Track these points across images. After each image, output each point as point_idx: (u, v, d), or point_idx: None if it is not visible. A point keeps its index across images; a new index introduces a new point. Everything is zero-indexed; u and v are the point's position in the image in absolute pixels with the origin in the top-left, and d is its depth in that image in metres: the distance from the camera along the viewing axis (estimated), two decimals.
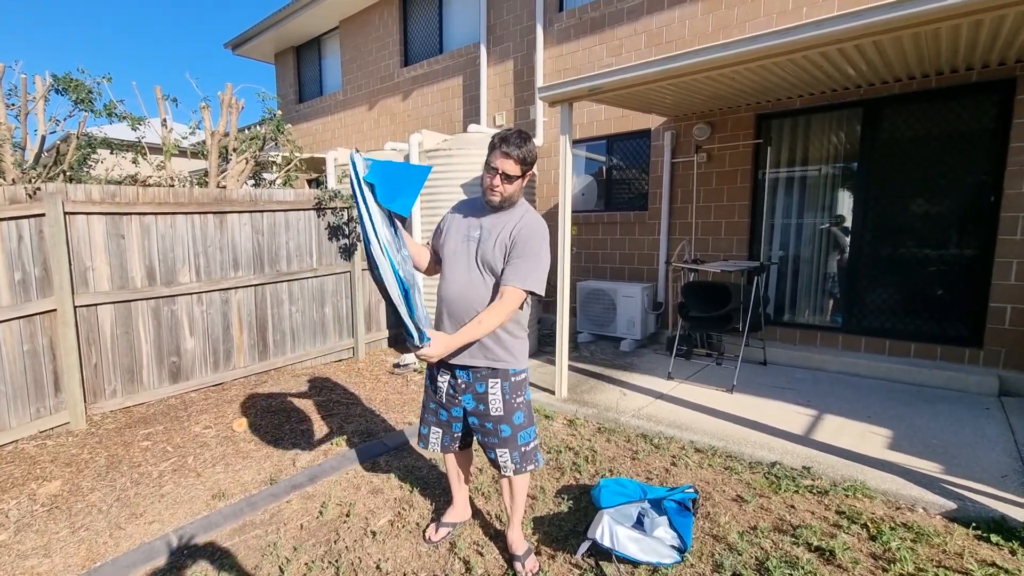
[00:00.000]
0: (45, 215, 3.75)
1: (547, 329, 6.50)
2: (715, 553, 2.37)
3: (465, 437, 2.37)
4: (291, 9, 9.75)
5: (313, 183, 9.50)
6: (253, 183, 6.22)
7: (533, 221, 2.11)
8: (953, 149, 4.57)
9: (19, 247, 3.66)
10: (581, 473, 3.14)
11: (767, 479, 3.01)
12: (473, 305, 2.08)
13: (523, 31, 7.14)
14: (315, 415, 4.15)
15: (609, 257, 6.69)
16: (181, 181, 5.02)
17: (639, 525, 2.36)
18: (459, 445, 2.38)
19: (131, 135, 5.23)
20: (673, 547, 2.29)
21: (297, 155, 6.08)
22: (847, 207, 5.13)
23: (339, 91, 10.31)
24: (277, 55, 11.82)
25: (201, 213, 4.61)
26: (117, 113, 4.88)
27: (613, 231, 6.61)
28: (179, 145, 5.36)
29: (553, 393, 4.43)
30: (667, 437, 3.60)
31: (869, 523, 2.55)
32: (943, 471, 2.99)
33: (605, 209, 6.77)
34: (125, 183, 4.90)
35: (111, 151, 5.66)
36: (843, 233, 5.19)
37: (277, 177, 6.31)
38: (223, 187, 5.11)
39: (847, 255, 5.15)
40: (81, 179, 4.83)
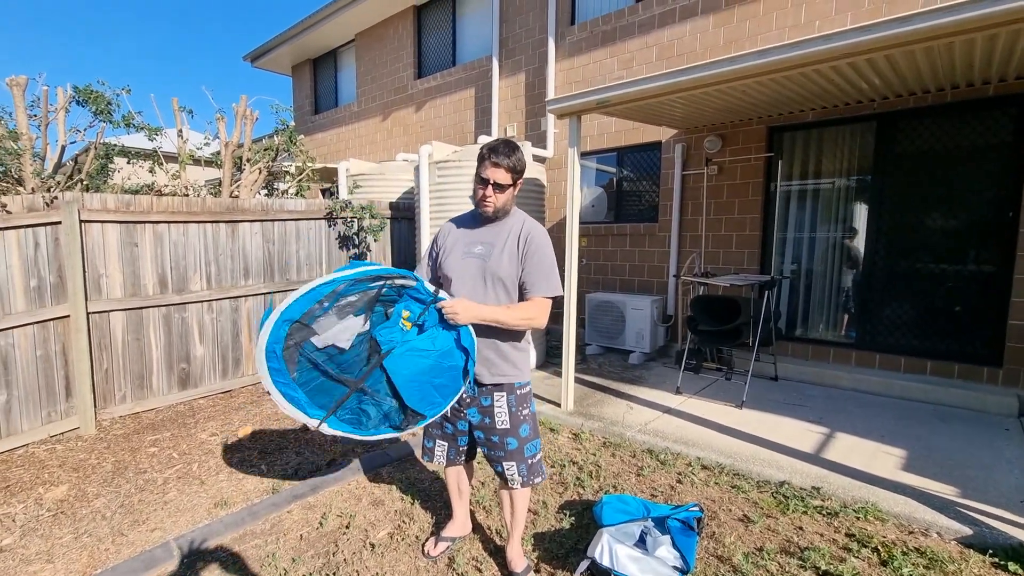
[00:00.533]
0: (61, 223, 3.83)
1: (556, 340, 6.46)
2: (719, 575, 2.31)
3: (470, 450, 2.36)
4: (310, 21, 9.94)
5: (326, 192, 9.63)
6: (266, 193, 6.31)
7: (536, 227, 2.16)
8: (970, 163, 4.48)
9: (35, 254, 3.74)
10: (585, 488, 3.10)
11: (775, 499, 2.94)
12: (493, 326, 2.07)
13: (535, 44, 7.19)
14: None
15: (619, 269, 6.65)
16: (196, 190, 5.12)
17: (641, 544, 2.32)
18: (464, 458, 2.37)
19: (148, 145, 5.34)
20: (675, 568, 2.23)
21: (310, 165, 6.17)
22: (861, 221, 5.05)
23: (353, 103, 10.45)
24: (294, 67, 12.05)
25: (213, 222, 4.67)
26: (135, 124, 4.99)
27: (623, 243, 6.58)
28: (194, 155, 5.46)
29: (559, 405, 4.39)
30: (673, 453, 3.54)
31: (880, 547, 2.47)
32: (959, 494, 2.90)
33: (615, 221, 6.75)
34: (142, 192, 5.00)
35: (128, 160, 5.78)
36: (857, 247, 5.11)
37: (289, 187, 6.39)
38: (236, 196, 5.19)
39: (861, 269, 5.07)
40: (99, 188, 4.93)
